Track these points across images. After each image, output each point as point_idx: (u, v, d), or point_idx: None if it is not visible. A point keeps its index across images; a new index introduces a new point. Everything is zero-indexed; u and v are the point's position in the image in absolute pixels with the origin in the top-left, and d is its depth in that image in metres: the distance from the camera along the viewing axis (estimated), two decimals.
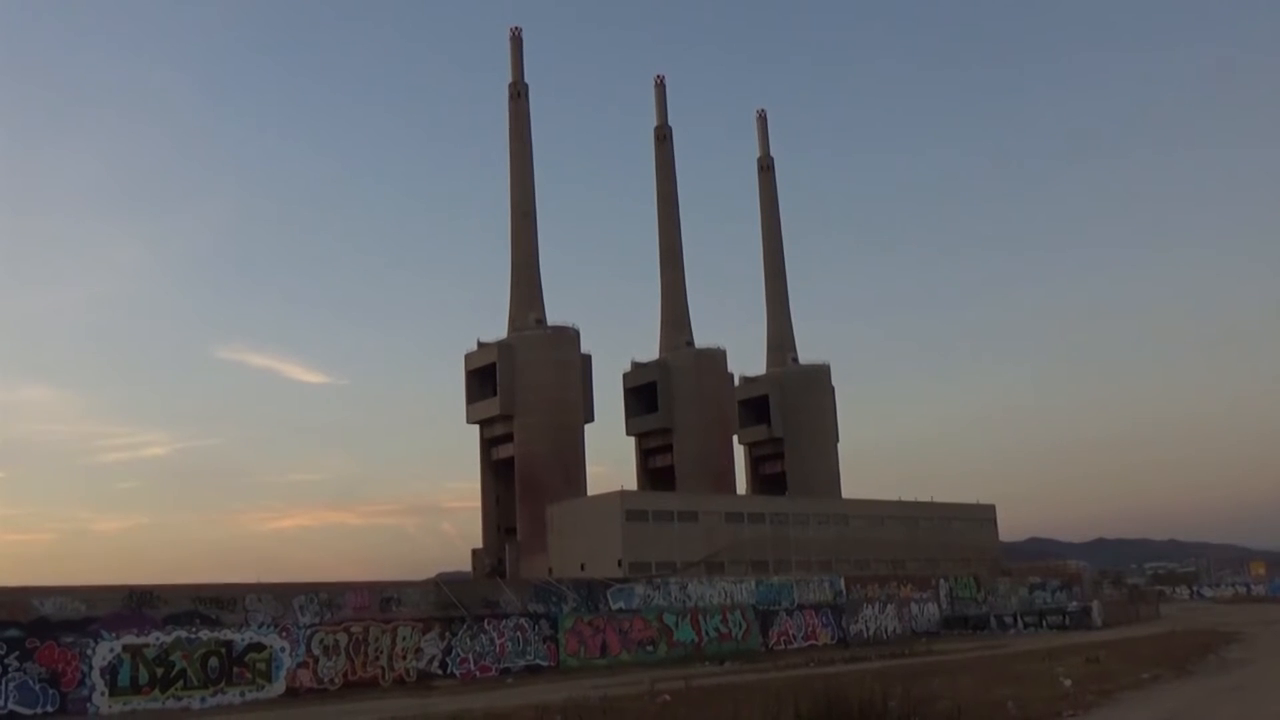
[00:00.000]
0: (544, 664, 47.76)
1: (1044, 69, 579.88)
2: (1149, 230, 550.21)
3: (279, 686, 39.37)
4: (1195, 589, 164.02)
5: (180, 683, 37.15)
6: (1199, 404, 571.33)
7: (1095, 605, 73.83)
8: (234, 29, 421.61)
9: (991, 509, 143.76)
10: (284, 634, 40.36)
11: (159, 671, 36.90)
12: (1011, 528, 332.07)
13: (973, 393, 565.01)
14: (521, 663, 47.15)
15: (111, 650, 36.22)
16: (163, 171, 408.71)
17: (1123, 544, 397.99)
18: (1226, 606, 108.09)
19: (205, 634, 38.64)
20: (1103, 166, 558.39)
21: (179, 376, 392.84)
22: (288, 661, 39.94)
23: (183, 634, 38.02)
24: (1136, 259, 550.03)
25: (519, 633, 47.76)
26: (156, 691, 36.65)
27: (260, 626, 40.46)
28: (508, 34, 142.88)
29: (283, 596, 42.97)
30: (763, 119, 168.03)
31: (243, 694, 38.31)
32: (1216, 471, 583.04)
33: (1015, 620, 71.11)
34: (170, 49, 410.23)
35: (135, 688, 36.29)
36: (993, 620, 71.64)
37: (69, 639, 35.82)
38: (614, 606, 54.16)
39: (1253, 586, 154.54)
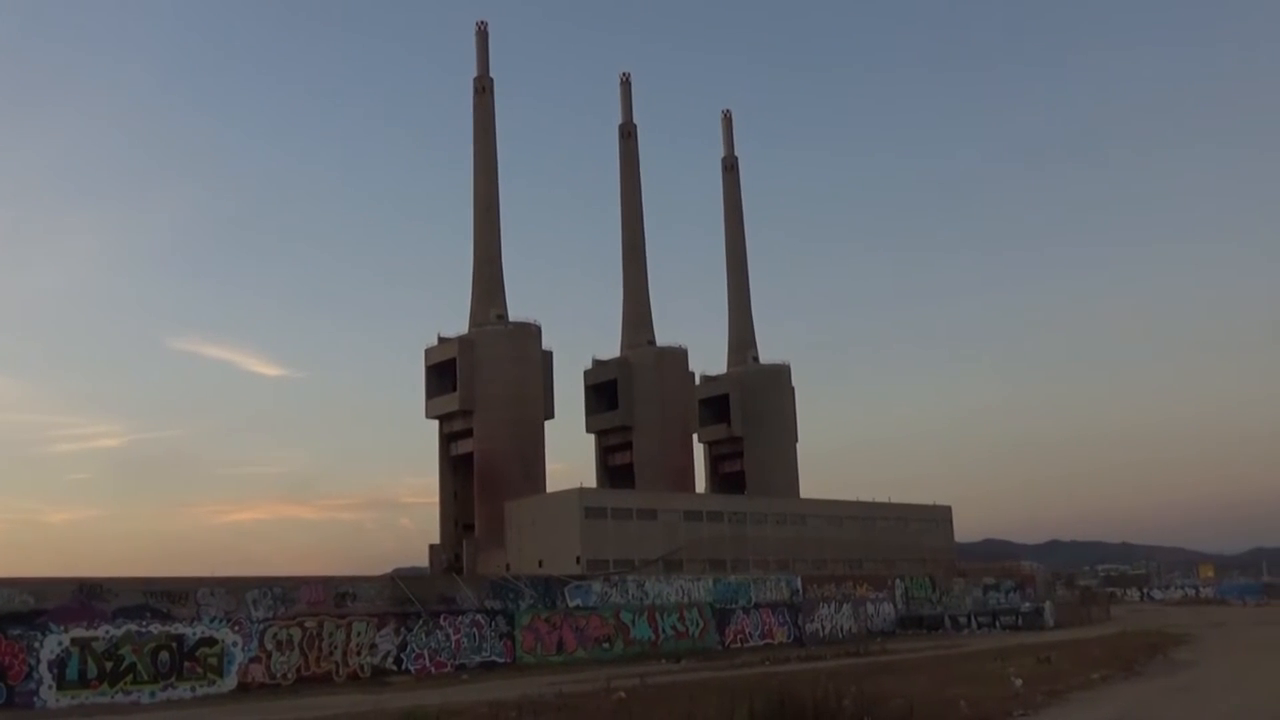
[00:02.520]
0: (500, 660, 47.63)
1: (1008, 69, 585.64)
2: (1105, 235, 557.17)
3: (231, 681, 38.97)
4: (1146, 591, 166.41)
5: (130, 677, 36.68)
6: (1153, 410, 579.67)
7: (1048, 606, 74.70)
8: (195, 21, 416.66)
9: (948, 510, 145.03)
10: (236, 628, 39.95)
11: (108, 665, 36.40)
12: (968, 529, 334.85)
13: (931, 395, 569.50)
14: (478, 659, 46.97)
15: (60, 643, 35.68)
16: (120, 162, 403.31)
17: (1076, 546, 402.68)
18: (1176, 608, 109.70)
19: (156, 627, 38.15)
20: (1060, 170, 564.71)
21: (133, 367, 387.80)
22: (240, 656, 39.53)
23: (133, 627, 37.51)
24: (1091, 264, 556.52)
25: (475, 629, 47.59)
26: (105, 685, 36.16)
27: (212, 620, 40.02)
28: (474, 28, 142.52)
29: (236, 590, 42.53)
30: (728, 119, 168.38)
31: (194, 689, 37.87)
32: (1168, 476, 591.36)
33: (969, 620, 71.77)
34: (131, 40, 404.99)
35: (84, 681, 35.77)
36: (947, 620, 72.24)
37: (16, 632, 35.26)
38: (571, 604, 54.08)
39: (1201, 589, 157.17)
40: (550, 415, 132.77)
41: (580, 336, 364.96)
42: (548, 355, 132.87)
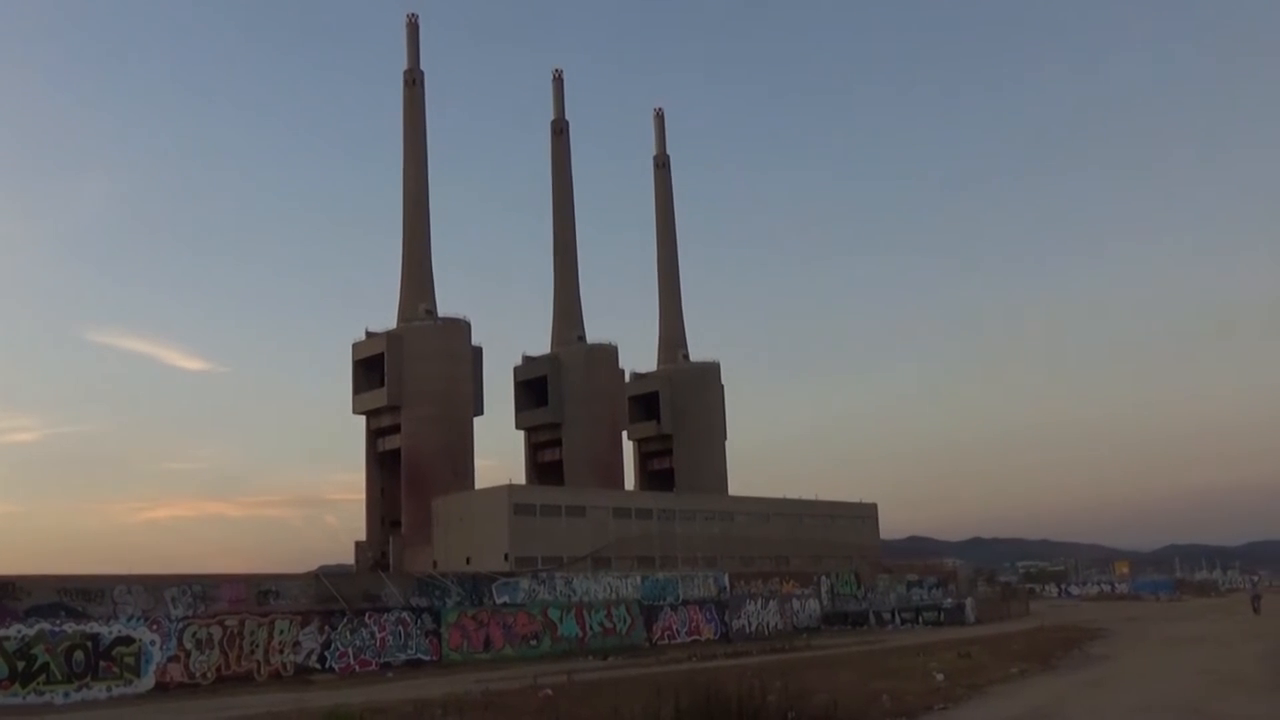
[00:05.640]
0: (426, 658, 47.18)
1: (942, 74, 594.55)
2: (1028, 241, 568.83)
3: (148, 681, 38.07)
4: (1064, 587, 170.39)
5: (42, 677, 35.61)
6: (1072, 412, 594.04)
7: (969, 602, 76.02)
8: (114, 9, 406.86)
9: (873, 508, 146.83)
10: (154, 627, 39.03)
11: (20, 665, 35.28)
12: (893, 526, 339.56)
13: (857, 394, 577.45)
14: (403, 657, 46.47)
15: None
16: (36, 149, 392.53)
17: (997, 543, 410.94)
18: (1092, 604, 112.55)
19: (70, 626, 37.12)
20: (991, 177, 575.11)
21: (51, 360, 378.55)
22: (158, 655, 38.61)
23: (46, 626, 36.46)
24: (1014, 266, 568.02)
25: (401, 626, 47.08)
26: (17, 686, 35.06)
27: (129, 619, 39.12)
28: (404, 21, 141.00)
29: (154, 588, 41.76)
30: (660, 117, 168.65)
31: (109, 689, 36.92)
32: (1087, 476, 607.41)
33: (893, 616, 72.77)
34: (47, 26, 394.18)
35: None
36: (872, 616, 73.17)
37: None
38: (499, 601, 53.89)
39: (1117, 585, 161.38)
40: (479, 412, 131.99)
41: (510, 333, 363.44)
42: (477, 351, 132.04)
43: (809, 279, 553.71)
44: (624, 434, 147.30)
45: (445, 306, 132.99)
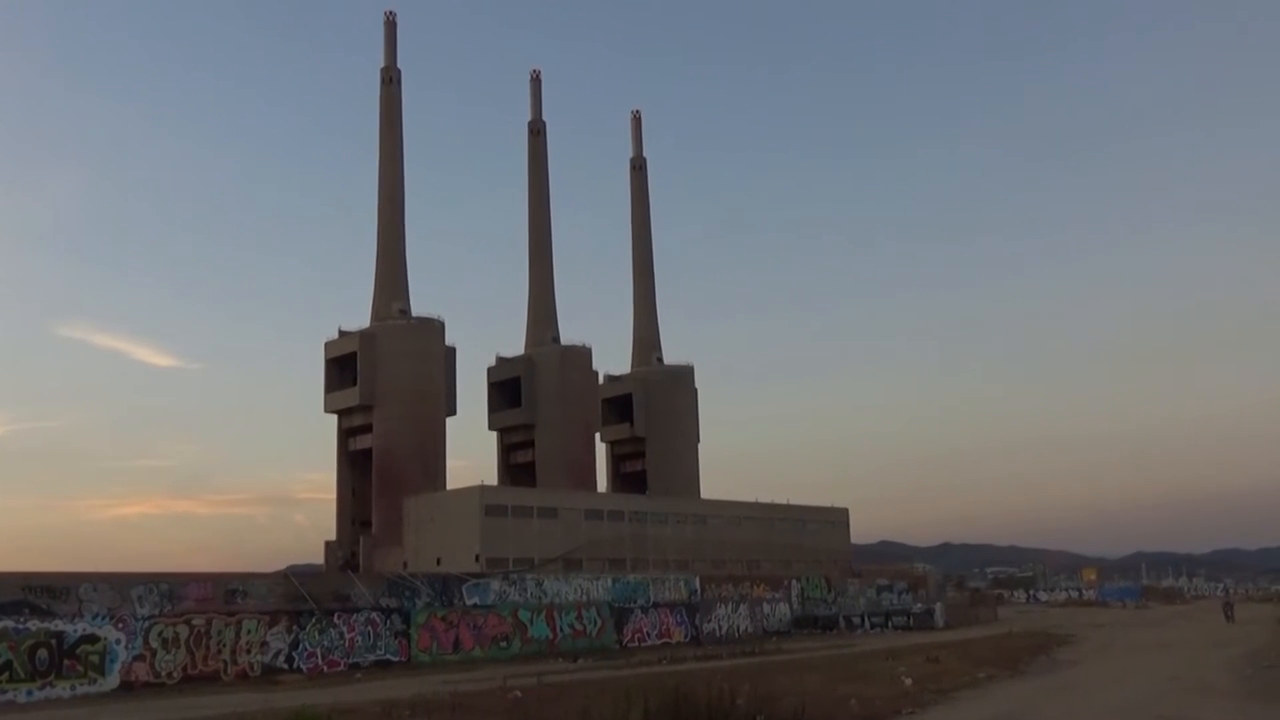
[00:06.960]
0: (395, 659, 46.97)
1: (929, 71, 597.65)
2: (1005, 244, 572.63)
3: (113, 680, 37.72)
4: (1032, 593, 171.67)
5: (5, 675, 35.22)
6: (1040, 419, 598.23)
7: (938, 607, 76.36)
8: (92, 4, 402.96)
9: (845, 512, 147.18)
10: (120, 625, 38.67)
11: None
12: (864, 531, 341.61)
13: (830, 399, 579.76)
14: (372, 658, 46.25)
15: None
16: (4, 142, 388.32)
17: (967, 548, 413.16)
18: (1059, 610, 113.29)
19: (34, 624, 36.71)
20: (977, 179, 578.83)
21: (17, 355, 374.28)
22: (123, 654, 38.25)
23: (9, 624, 36.04)
24: (987, 274, 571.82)
25: (370, 627, 46.84)
26: None
27: (94, 617, 38.71)
28: (382, 18, 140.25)
29: (120, 586, 41.24)
30: (637, 119, 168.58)
31: (73, 687, 36.55)
32: (1055, 482, 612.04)
33: (863, 620, 73.00)
34: (20, 20, 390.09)
35: None
36: (841, 620, 73.38)
37: None
38: (469, 602, 53.62)
39: (1084, 591, 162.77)
40: (452, 412, 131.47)
41: (484, 333, 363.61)
42: (450, 351, 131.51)
43: (784, 283, 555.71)
44: (597, 436, 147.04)
45: (419, 306, 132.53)
